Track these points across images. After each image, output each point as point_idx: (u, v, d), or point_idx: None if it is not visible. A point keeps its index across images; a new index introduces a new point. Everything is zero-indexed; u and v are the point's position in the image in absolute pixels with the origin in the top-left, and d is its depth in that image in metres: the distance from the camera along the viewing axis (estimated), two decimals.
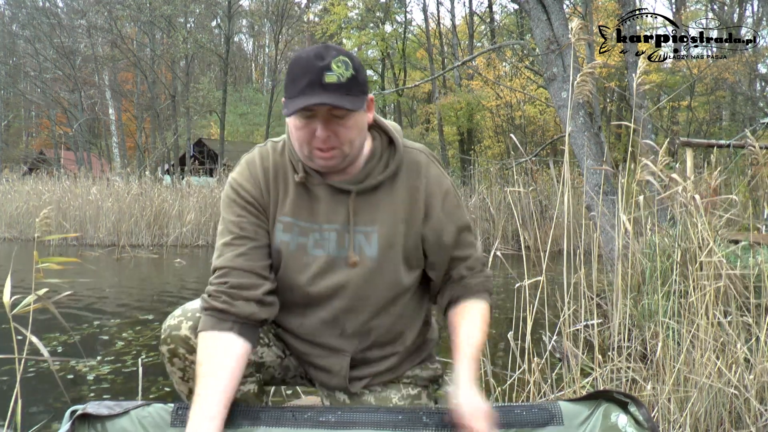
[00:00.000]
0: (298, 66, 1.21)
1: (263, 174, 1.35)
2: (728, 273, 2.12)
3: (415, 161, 1.37)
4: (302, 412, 1.25)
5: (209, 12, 20.98)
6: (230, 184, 1.37)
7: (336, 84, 1.18)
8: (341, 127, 1.22)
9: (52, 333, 3.85)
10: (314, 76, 1.18)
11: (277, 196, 1.34)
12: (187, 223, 10.94)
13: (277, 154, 1.38)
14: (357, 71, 1.22)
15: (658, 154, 2.24)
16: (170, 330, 1.34)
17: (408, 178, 1.35)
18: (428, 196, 1.34)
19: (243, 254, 1.28)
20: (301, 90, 1.18)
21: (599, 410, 1.19)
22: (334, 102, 1.17)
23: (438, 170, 1.38)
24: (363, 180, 1.32)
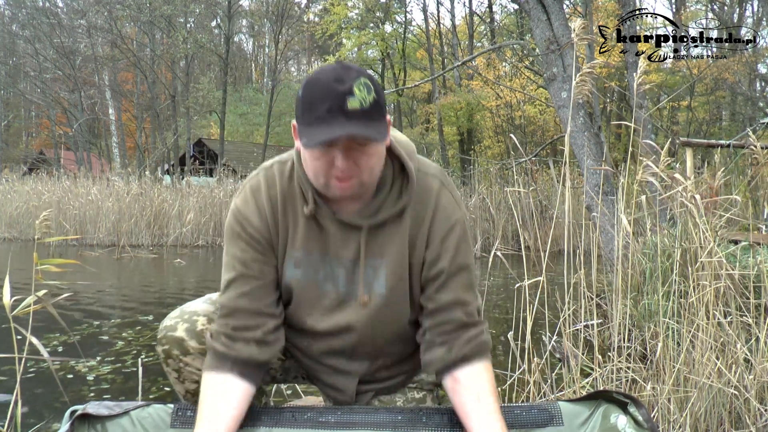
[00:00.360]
0: (315, 89, 1.09)
1: (270, 206, 1.26)
2: (728, 273, 2.12)
3: (426, 188, 1.27)
4: (302, 412, 1.25)
5: (209, 12, 20.97)
6: (235, 216, 1.27)
7: (359, 110, 1.07)
8: (363, 156, 1.13)
9: (53, 333, 3.85)
10: (335, 102, 1.07)
11: (287, 230, 1.26)
12: (187, 223, 10.94)
13: (285, 180, 1.27)
14: (378, 93, 1.12)
15: (659, 155, 2.23)
16: (166, 331, 1.35)
17: (416, 206, 1.26)
18: (433, 227, 1.25)
19: (246, 294, 1.23)
20: (321, 117, 1.07)
21: (599, 411, 1.19)
22: (360, 132, 1.06)
23: (450, 199, 1.28)
24: (374, 214, 1.24)
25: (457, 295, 1.25)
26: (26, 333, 1.66)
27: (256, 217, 1.25)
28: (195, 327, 1.34)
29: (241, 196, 1.29)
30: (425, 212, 1.25)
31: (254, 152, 20.29)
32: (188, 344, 1.33)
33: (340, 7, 18.27)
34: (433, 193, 1.27)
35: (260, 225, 1.25)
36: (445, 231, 1.25)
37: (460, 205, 1.29)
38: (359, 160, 1.13)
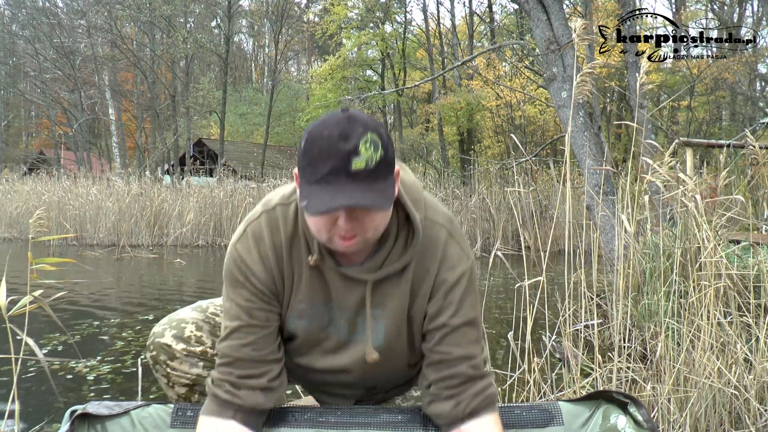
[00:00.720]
0: (318, 145, 1.02)
1: (274, 255, 1.20)
2: (728, 273, 2.11)
3: (432, 238, 1.22)
4: (302, 412, 1.25)
5: (209, 12, 20.98)
6: (237, 264, 1.21)
7: (365, 171, 1.00)
8: (367, 216, 1.07)
9: (53, 333, 3.84)
10: (339, 162, 1.00)
11: (291, 280, 1.22)
12: (187, 223, 10.94)
13: (289, 225, 1.21)
14: (387, 149, 1.04)
15: (662, 155, 2.23)
16: (154, 337, 1.37)
17: (421, 259, 1.21)
18: (437, 279, 1.21)
19: (250, 344, 1.20)
20: (323, 177, 1.00)
21: (599, 411, 1.19)
22: (364, 201, 1.00)
23: (457, 250, 1.23)
24: (378, 267, 1.20)
25: (463, 349, 1.20)
26: (21, 334, 1.66)
27: (260, 268, 1.20)
28: (182, 334, 1.36)
29: (242, 242, 1.22)
30: (430, 264, 1.21)
31: (254, 152, 20.29)
32: (174, 349, 1.35)
33: (340, 7, 18.27)
34: (439, 244, 1.22)
35: (265, 277, 1.20)
36: (449, 285, 1.20)
37: (467, 255, 1.24)
38: (363, 221, 1.07)
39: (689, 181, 2.21)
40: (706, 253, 2.09)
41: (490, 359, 1.28)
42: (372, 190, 1.01)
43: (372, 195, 1.01)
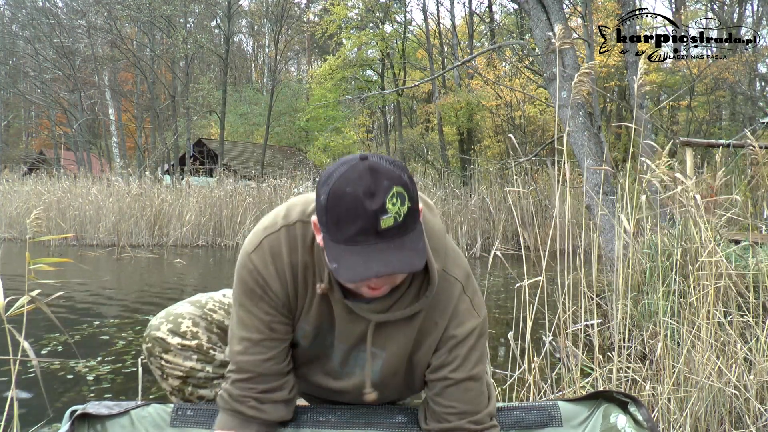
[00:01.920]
0: (344, 205, 0.97)
1: (291, 275, 1.18)
2: (728, 273, 2.11)
3: (446, 292, 1.19)
4: (302, 412, 1.25)
5: (209, 12, 20.97)
6: (252, 276, 1.17)
7: (394, 228, 0.97)
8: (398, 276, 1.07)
9: (53, 333, 3.84)
10: (367, 223, 0.96)
11: (304, 303, 1.21)
12: (187, 223, 10.94)
13: (307, 247, 1.17)
14: (413, 198, 1.00)
15: (660, 156, 2.23)
16: (150, 330, 1.38)
17: (431, 310, 1.19)
18: (445, 334, 1.18)
19: (272, 359, 1.19)
20: (352, 238, 0.97)
21: (599, 411, 1.19)
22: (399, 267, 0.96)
23: (468, 307, 1.20)
24: (386, 310, 1.17)
25: (465, 404, 1.18)
26: (18, 336, 1.66)
27: (277, 283, 1.17)
28: (178, 328, 1.37)
29: (259, 254, 1.17)
30: (440, 318, 1.18)
31: (254, 152, 20.28)
32: (169, 343, 1.36)
33: (340, 7, 18.26)
34: (452, 299, 1.19)
35: (281, 292, 1.18)
36: (456, 341, 1.18)
37: (479, 312, 1.21)
38: (395, 276, 1.06)
39: (687, 181, 2.21)
40: (706, 253, 2.09)
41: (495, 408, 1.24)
42: (404, 248, 0.98)
43: (405, 255, 0.97)
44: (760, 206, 4.12)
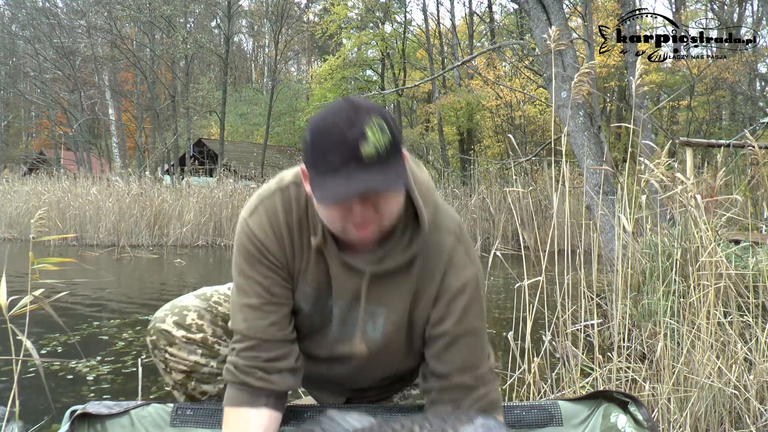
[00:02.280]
0: (325, 136, 1.00)
1: (288, 234, 1.19)
2: (728, 273, 2.11)
3: (440, 243, 1.19)
4: (302, 411, 1.25)
5: (209, 12, 20.97)
6: (251, 240, 1.18)
7: (375, 156, 0.98)
8: (381, 201, 1.05)
9: (53, 333, 3.84)
10: (348, 151, 0.97)
11: (302, 263, 1.21)
12: (186, 223, 10.94)
13: (302, 207, 1.19)
14: (393, 131, 1.02)
15: (658, 155, 2.24)
16: (155, 322, 1.37)
17: (426, 261, 1.18)
18: (442, 286, 1.18)
19: (275, 323, 1.18)
20: (334, 167, 0.98)
21: (599, 410, 1.19)
22: (380, 185, 0.98)
23: (463, 257, 1.20)
24: (380, 261, 1.17)
25: (466, 358, 1.18)
26: (21, 335, 1.66)
27: (275, 245, 1.18)
28: (184, 321, 1.36)
29: (255, 218, 1.19)
30: (436, 270, 1.18)
31: (254, 152, 20.29)
32: (174, 335, 1.35)
33: (340, 7, 18.27)
34: (446, 249, 1.19)
35: (279, 253, 1.19)
36: (454, 292, 1.18)
37: (474, 262, 1.21)
38: (378, 206, 1.05)
39: (686, 180, 2.21)
40: (706, 253, 2.09)
41: (494, 363, 1.25)
42: (384, 173, 0.99)
43: (385, 178, 0.98)
44: (760, 206, 4.12)
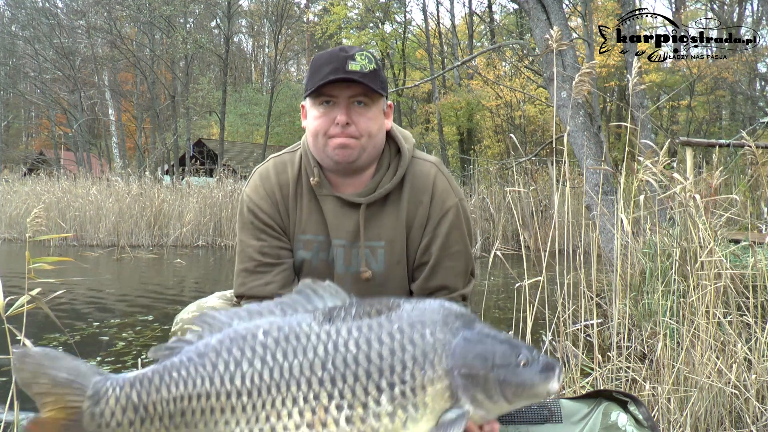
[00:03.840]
0: (320, 58, 1.23)
1: (280, 191, 1.32)
2: (728, 273, 2.11)
3: (423, 172, 1.33)
4: None
5: (209, 12, 20.97)
6: (246, 204, 1.33)
7: (359, 72, 1.19)
8: (362, 117, 1.23)
9: (52, 333, 3.84)
10: (338, 64, 1.19)
11: (296, 214, 1.32)
12: (186, 223, 10.94)
13: (295, 166, 1.34)
14: (378, 68, 1.24)
15: (657, 155, 2.23)
16: (182, 323, 1.39)
17: (413, 190, 1.31)
18: (430, 210, 1.31)
19: (270, 282, 1.27)
20: (324, 76, 1.19)
21: (599, 409, 1.19)
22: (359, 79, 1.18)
23: (445, 184, 1.33)
24: (372, 191, 1.29)
25: (444, 280, 1.30)
26: (19, 334, 1.66)
27: (267, 204, 1.31)
28: None
29: (250, 184, 1.35)
30: (422, 196, 1.31)
31: (254, 152, 20.28)
32: None
33: (339, 7, 18.26)
34: (429, 177, 1.32)
35: (272, 210, 1.31)
36: (439, 216, 1.30)
37: (456, 191, 1.34)
38: (358, 121, 1.22)
39: (683, 180, 2.21)
40: (706, 252, 2.09)
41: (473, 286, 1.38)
42: (365, 78, 1.19)
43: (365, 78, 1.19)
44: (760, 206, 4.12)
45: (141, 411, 1.01)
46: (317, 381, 0.95)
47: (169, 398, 1.00)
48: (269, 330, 1.00)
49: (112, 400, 1.00)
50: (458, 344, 0.96)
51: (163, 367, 1.02)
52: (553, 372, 0.95)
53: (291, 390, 0.96)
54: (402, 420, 0.94)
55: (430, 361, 0.94)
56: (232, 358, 0.99)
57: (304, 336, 0.98)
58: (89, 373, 1.01)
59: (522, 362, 0.96)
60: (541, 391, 0.97)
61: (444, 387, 0.94)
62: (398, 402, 0.94)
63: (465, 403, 0.95)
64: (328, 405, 0.95)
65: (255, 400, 0.97)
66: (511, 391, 0.95)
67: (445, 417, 0.95)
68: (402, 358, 0.95)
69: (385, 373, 0.94)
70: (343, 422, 0.94)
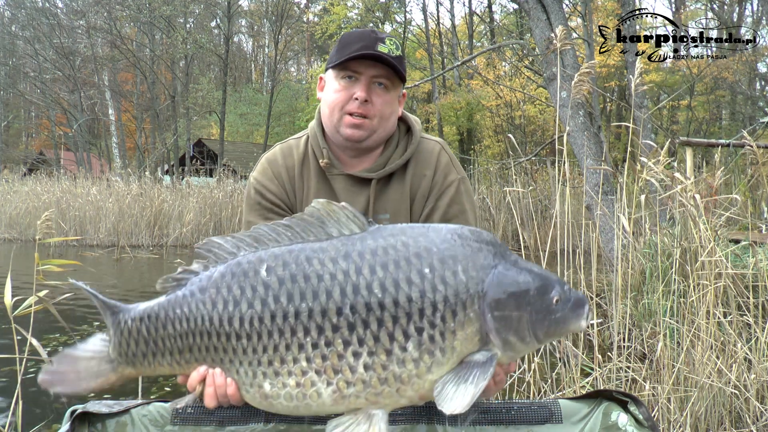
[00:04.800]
0: (351, 35, 1.27)
1: (287, 172, 1.37)
2: (728, 272, 2.11)
3: (428, 149, 1.39)
4: None
5: (209, 12, 20.97)
6: (253, 186, 1.37)
7: (387, 56, 1.23)
8: (380, 98, 1.26)
9: (53, 333, 3.84)
10: (368, 43, 1.23)
11: (303, 193, 1.37)
12: (186, 223, 10.94)
13: (301, 150, 1.39)
14: (403, 56, 1.28)
15: (658, 155, 2.24)
16: None
17: (418, 165, 1.37)
18: (433, 183, 1.36)
19: None
20: (354, 51, 1.22)
21: (599, 409, 1.19)
22: (386, 59, 1.21)
23: (448, 161, 1.39)
24: (382, 167, 1.35)
25: None
26: (26, 334, 1.66)
27: (274, 184, 1.35)
28: None
29: (258, 168, 1.39)
30: (426, 170, 1.36)
31: (254, 152, 20.27)
32: None
33: (339, 7, 18.27)
34: (434, 154, 1.38)
35: (279, 190, 1.35)
36: (441, 189, 1.35)
37: (458, 168, 1.39)
38: (376, 101, 1.26)
39: (685, 180, 2.21)
40: (706, 252, 2.09)
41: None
42: (392, 60, 1.24)
43: (392, 60, 1.24)
44: (760, 206, 4.12)
45: (152, 345, 1.01)
46: (331, 327, 0.89)
47: (175, 335, 0.99)
48: (273, 267, 0.93)
49: (126, 333, 1.04)
50: (491, 283, 0.90)
51: (168, 302, 1.02)
52: (583, 309, 0.92)
53: (297, 336, 0.90)
54: (427, 365, 0.89)
55: (462, 303, 0.88)
56: (232, 296, 0.94)
57: (315, 276, 0.91)
58: (101, 341, 1.07)
59: (555, 299, 0.91)
60: (572, 329, 0.93)
61: (475, 330, 0.89)
62: (425, 347, 0.88)
63: (494, 346, 0.90)
64: (344, 352, 0.89)
65: (255, 344, 0.92)
66: (543, 331, 0.91)
67: (473, 358, 0.89)
68: (433, 300, 0.88)
69: (414, 317, 0.88)
70: (361, 369, 0.89)
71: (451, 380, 0.88)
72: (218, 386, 0.98)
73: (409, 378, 0.89)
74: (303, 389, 0.91)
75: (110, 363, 1.05)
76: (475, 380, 0.88)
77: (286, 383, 0.92)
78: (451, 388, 0.88)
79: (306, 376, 0.90)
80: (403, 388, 0.90)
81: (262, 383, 0.94)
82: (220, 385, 0.98)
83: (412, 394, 0.91)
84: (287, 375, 0.91)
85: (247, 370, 0.94)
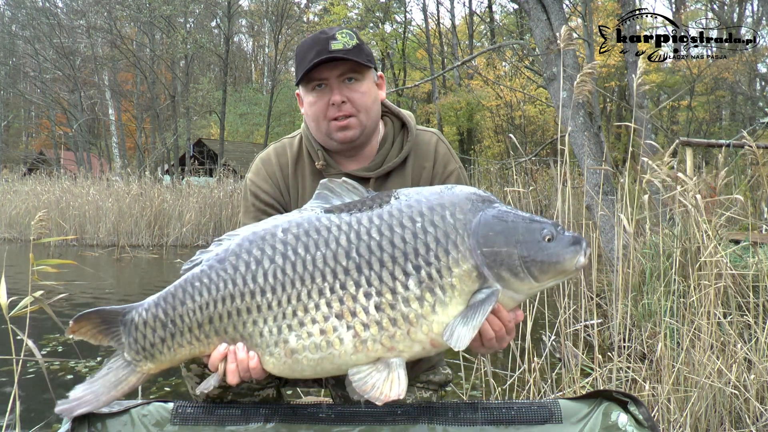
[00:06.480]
0: (303, 45, 1.27)
1: (280, 171, 1.38)
2: (728, 273, 2.11)
3: (425, 140, 1.40)
4: (303, 408, 1.25)
5: (209, 12, 20.96)
6: (248, 187, 1.38)
7: (343, 50, 1.23)
8: (355, 93, 1.27)
9: (52, 334, 3.84)
10: (321, 47, 1.23)
11: (297, 192, 1.37)
12: (186, 223, 10.93)
13: (294, 149, 1.40)
14: (361, 42, 1.27)
15: (661, 155, 2.23)
16: None
17: (417, 158, 1.38)
18: (433, 173, 1.38)
19: None
20: (310, 61, 1.23)
21: (599, 409, 1.19)
22: (342, 54, 1.21)
23: (446, 151, 1.40)
24: (379, 165, 1.35)
25: None
26: (22, 335, 1.66)
27: (268, 184, 1.37)
28: None
29: (252, 169, 1.41)
30: (425, 162, 1.38)
31: (254, 152, 20.20)
32: None
33: (339, 7, 18.27)
34: (431, 145, 1.40)
35: (272, 190, 1.36)
36: (441, 179, 1.37)
37: (455, 158, 1.41)
38: (352, 97, 1.26)
39: (688, 180, 2.21)
40: (707, 252, 2.09)
41: None
42: (350, 54, 1.23)
43: (349, 54, 1.23)
44: (760, 206, 4.12)
45: (170, 326, 1.04)
46: (342, 270, 0.96)
47: (194, 307, 1.03)
48: (288, 228, 1.02)
49: (141, 325, 1.06)
50: (479, 222, 0.96)
51: (185, 280, 1.06)
52: (580, 246, 0.94)
53: (316, 282, 0.97)
54: (431, 304, 0.95)
55: (452, 242, 0.95)
56: (253, 258, 1.01)
57: (325, 229, 0.99)
58: (109, 361, 1.11)
59: (546, 237, 0.95)
60: (568, 267, 0.96)
61: (470, 267, 0.95)
62: (426, 285, 0.95)
63: (493, 282, 0.95)
64: (356, 293, 0.96)
65: (280, 296, 0.99)
66: (537, 267, 0.95)
67: (475, 298, 0.96)
68: (425, 241, 0.95)
69: (410, 257, 0.95)
70: (373, 310, 0.96)
71: (458, 323, 0.96)
72: (240, 361, 1.01)
73: (417, 318, 0.97)
74: (326, 336, 0.98)
75: (127, 367, 1.09)
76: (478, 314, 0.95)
77: (311, 332, 0.98)
78: (458, 329, 0.95)
79: (328, 321, 0.97)
80: (413, 330, 0.97)
81: (288, 337, 1.00)
82: (242, 359, 1.01)
83: (423, 338, 0.97)
84: (311, 323, 0.98)
85: (272, 327, 1.00)
